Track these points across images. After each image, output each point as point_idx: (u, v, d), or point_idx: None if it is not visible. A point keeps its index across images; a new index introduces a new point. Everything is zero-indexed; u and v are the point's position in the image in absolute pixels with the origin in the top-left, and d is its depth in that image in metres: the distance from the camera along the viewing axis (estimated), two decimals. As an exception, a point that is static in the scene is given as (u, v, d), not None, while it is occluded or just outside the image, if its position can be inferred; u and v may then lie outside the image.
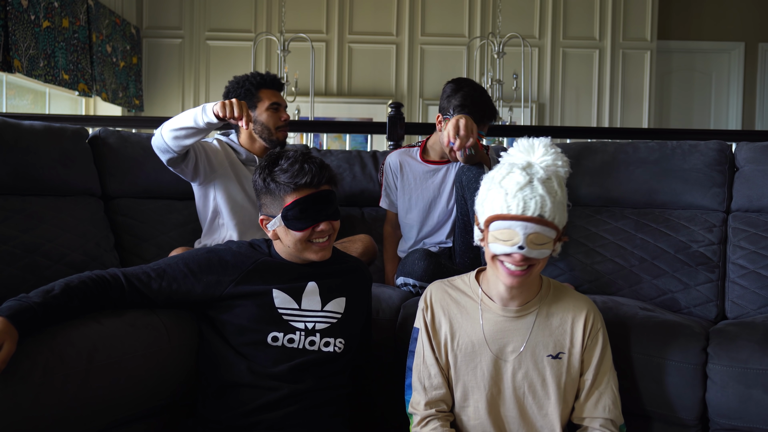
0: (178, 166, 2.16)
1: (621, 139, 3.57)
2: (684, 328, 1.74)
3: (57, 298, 1.40)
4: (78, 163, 2.28)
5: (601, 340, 1.57)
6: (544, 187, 1.44)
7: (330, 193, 1.63)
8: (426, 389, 1.59)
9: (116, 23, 5.39)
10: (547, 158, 1.52)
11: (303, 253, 1.64)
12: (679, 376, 1.67)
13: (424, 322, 1.62)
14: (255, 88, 2.30)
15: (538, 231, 1.43)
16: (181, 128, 2.03)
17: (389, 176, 2.49)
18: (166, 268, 1.61)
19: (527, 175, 1.45)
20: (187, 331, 1.67)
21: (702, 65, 6.52)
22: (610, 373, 1.57)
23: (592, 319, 1.58)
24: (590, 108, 6.12)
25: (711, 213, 2.24)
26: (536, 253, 1.44)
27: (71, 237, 2.11)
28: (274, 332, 1.60)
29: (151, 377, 1.59)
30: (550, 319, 1.57)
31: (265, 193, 1.64)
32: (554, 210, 1.44)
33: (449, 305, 1.62)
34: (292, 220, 1.59)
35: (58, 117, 3.38)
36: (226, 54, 6.07)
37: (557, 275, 2.25)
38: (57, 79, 4.45)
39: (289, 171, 1.59)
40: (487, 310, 1.58)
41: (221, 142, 2.34)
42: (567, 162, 1.54)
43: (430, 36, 6.10)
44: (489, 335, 1.56)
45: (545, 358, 1.55)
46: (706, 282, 2.11)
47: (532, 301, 1.57)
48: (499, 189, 1.46)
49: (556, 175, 1.50)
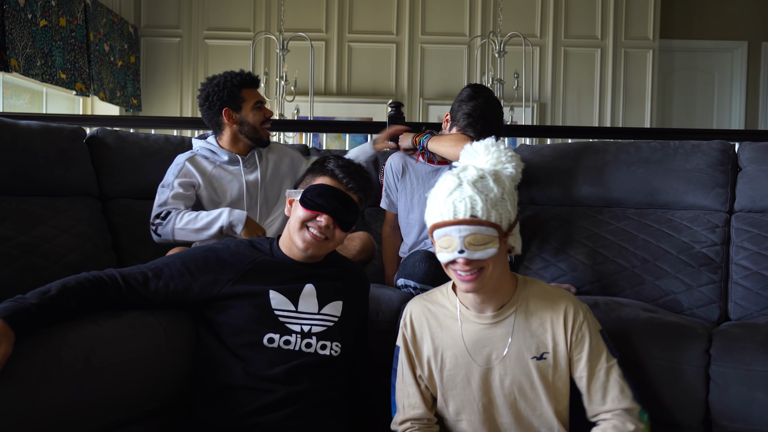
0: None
1: (623, 138, 3.57)
2: (686, 330, 1.74)
3: (54, 300, 1.40)
4: (75, 163, 2.28)
5: (587, 332, 1.52)
6: (473, 188, 1.43)
7: (351, 202, 1.66)
8: (404, 408, 1.60)
9: (114, 22, 5.39)
10: (489, 158, 1.54)
11: (295, 234, 1.66)
12: (682, 378, 1.66)
13: (404, 340, 1.62)
14: (237, 88, 2.30)
15: (474, 232, 1.41)
16: (199, 231, 2.13)
17: (390, 177, 2.49)
18: (163, 268, 1.61)
19: (457, 179, 1.46)
20: (185, 332, 1.67)
21: (705, 64, 6.52)
22: (607, 363, 1.51)
23: (573, 313, 1.53)
24: (592, 107, 6.12)
25: (714, 213, 2.23)
26: (479, 254, 1.42)
27: (68, 237, 2.11)
28: (270, 333, 1.60)
29: (149, 379, 1.58)
30: (529, 320, 1.54)
31: (311, 171, 1.72)
32: (488, 208, 1.43)
33: (429, 321, 1.61)
34: (308, 197, 1.64)
35: (56, 117, 3.38)
36: (225, 53, 6.07)
37: (558, 276, 2.25)
38: (54, 79, 4.45)
39: (339, 164, 1.69)
40: (465, 320, 1.56)
41: (194, 160, 2.29)
42: (513, 157, 1.56)
43: (430, 35, 6.10)
44: (470, 345, 1.55)
45: (530, 361, 1.53)
46: (709, 283, 2.11)
47: (507, 304, 1.55)
48: (434, 198, 1.48)
49: (496, 172, 1.50)
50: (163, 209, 2.18)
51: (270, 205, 2.39)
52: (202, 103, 2.32)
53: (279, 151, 2.47)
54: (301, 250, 1.66)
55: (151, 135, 2.62)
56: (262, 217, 2.35)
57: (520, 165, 1.58)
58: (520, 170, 1.57)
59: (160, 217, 2.16)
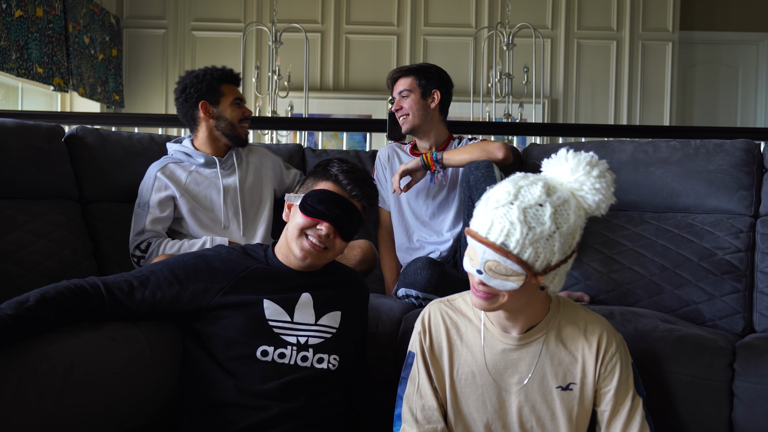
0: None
1: (640, 137, 3.58)
2: (708, 343, 1.75)
3: (31, 310, 1.41)
4: (53, 164, 2.28)
5: (618, 366, 1.50)
6: (521, 214, 1.33)
7: (355, 211, 1.66)
8: (418, 422, 1.53)
9: (94, 12, 5.41)
10: (572, 179, 1.40)
11: (293, 242, 1.66)
12: (704, 394, 1.67)
13: (421, 347, 1.58)
14: (217, 82, 2.33)
15: (497, 260, 1.34)
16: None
17: (379, 171, 2.53)
18: (149, 276, 1.61)
19: (512, 195, 1.36)
20: (170, 345, 1.67)
21: (728, 58, 6.53)
22: (632, 401, 1.50)
23: (605, 343, 1.50)
24: (607, 104, 6.14)
25: (737, 218, 2.24)
26: (495, 282, 1.36)
27: (46, 243, 2.11)
28: (263, 346, 1.60)
29: (132, 395, 1.59)
30: (559, 347, 1.51)
31: (313, 174, 1.72)
32: (525, 243, 1.33)
33: (449, 330, 1.57)
34: (308, 202, 1.64)
35: (32, 114, 3.39)
36: (214, 46, 6.08)
37: (572, 285, 2.25)
38: (30, 73, 4.46)
39: (342, 169, 1.68)
40: (489, 336, 1.53)
41: (167, 170, 2.29)
42: (599, 191, 1.39)
43: (433, 26, 6.11)
44: (491, 364, 1.52)
45: (554, 390, 1.51)
46: (733, 292, 2.11)
47: (536, 327, 1.51)
48: (483, 200, 1.42)
49: (566, 201, 1.38)
50: (142, 239, 2.21)
51: (254, 211, 2.38)
52: (178, 96, 2.34)
53: (259, 153, 2.48)
54: (298, 260, 1.67)
55: (134, 134, 2.63)
56: (246, 224, 2.34)
57: (608, 200, 1.42)
58: (604, 207, 1.41)
59: (141, 249, 2.20)
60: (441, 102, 2.47)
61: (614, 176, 1.43)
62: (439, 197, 2.44)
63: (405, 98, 2.45)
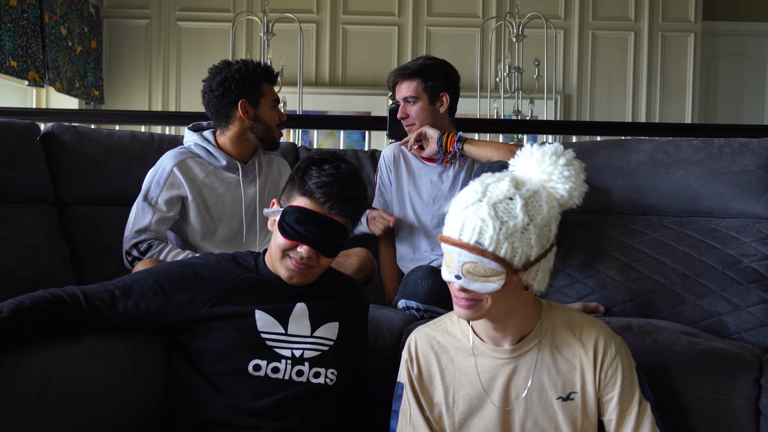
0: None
1: (660, 136, 3.58)
2: (733, 357, 1.75)
3: (5, 322, 1.41)
4: (28, 164, 2.29)
5: (620, 371, 1.51)
6: (491, 210, 1.37)
7: (337, 227, 1.63)
8: None
9: (72, 2, 5.42)
10: (540, 171, 1.46)
11: (277, 263, 1.66)
12: (728, 413, 1.67)
13: (409, 377, 1.59)
14: (259, 79, 2.27)
15: (474, 261, 1.37)
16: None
17: (383, 171, 2.52)
18: (132, 285, 1.62)
19: (480, 192, 1.41)
20: (154, 360, 1.67)
21: (754, 50, 6.54)
22: (639, 407, 1.51)
23: (603, 347, 1.52)
24: (624, 100, 6.15)
25: (765, 222, 2.24)
26: (476, 286, 1.38)
27: (19, 250, 2.12)
28: (255, 360, 1.60)
29: (113, 413, 1.59)
30: (554, 355, 1.52)
31: (291, 182, 1.68)
32: (500, 239, 1.36)
33: (439, 356, 1.58)
34: (285, 222, 1.62)
35: (5, 110, 3.39)
36: (200, 37, 6.09)
37: (586, 295, 2.26)
38: (3, 67, 4.47)
39: (321, 181, 1.61)
40: (480, 354, 1.54)
41: (185, 165, 2.24)
42: (569, 178, 1.45)
43: (437, 16, 6.13)
44: (486, 384, 1.53)
45: (555, 402, 1.52)
46: (760, 303, 2.12)
47: (528, 336, 1.53)
48: (453, 204, 1.45)
49: (536, 193, 1.43)
50: (143, 239, 2.16)
51: (264, 223, 2.34)
52: (215, 88, 2.24)
53: (277, 162, 2.47)
54: (285, 279, 1.67)
55: (115, 131, 2.63)
56: (261, 238, 2.34)
57: (580, 188, 1.47)
58: (577, 195, 1.47)
59: (139, 249, 2.15)
60: (450, 104, 2.46)
61: (583, 165, 1.49)
62: (445, 208, 2.43)
63: (411, 105, 2.44)
